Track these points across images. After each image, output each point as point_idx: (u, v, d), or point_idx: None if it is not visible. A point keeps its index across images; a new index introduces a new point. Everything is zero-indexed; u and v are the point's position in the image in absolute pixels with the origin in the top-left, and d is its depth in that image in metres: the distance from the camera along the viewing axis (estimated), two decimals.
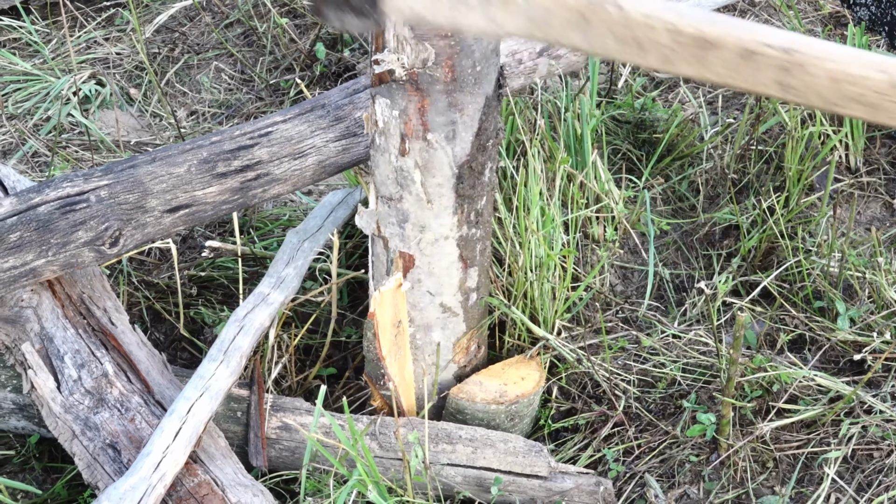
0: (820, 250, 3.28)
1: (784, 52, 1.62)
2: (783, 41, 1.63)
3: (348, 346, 3.16)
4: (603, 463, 2.90)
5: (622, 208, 3.36)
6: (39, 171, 3.77)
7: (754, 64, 1.64)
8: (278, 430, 2.76)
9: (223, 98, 4.20)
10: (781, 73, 1.64)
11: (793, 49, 1.62)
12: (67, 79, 4.12)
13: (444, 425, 2.79)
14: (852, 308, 3.11)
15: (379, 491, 2.50)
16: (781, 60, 1.63)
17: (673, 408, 2.98)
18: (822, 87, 1.63)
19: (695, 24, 1.63)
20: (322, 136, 2.86)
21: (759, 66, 1.64)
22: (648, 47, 1.66)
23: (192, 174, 2.73)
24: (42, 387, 2.67)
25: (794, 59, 1.62)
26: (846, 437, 2.85)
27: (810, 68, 1.62)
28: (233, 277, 3.28)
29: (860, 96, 1.63)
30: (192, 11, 4.59)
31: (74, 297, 2.82)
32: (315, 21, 4.38)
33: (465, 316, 2.82)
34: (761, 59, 1.63)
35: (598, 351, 3.08)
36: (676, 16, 1.63)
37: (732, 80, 1.66)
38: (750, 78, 1.65)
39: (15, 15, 4.52)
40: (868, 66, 1.62)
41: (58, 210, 2.61)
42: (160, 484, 2.40)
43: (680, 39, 1.64)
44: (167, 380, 2.74)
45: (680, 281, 3.39)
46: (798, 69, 1.63)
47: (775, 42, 1.62)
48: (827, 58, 1.62)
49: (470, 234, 2.69)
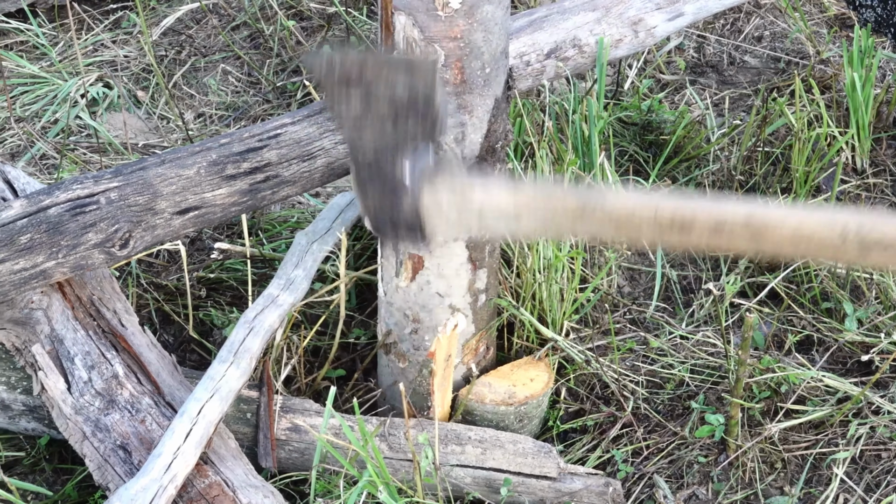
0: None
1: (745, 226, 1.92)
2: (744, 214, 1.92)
3: (357, 347, 3.17)
4: (612, 464, 2.90)
5: None
6: (48, 174, 3.78)
7: (727, 235, 1.93)
8: (288, 432, 2.77)
9: (230, 100, 4.21)
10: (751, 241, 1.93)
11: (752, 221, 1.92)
12: (75, 81, 4.13)
13: (454, 426, 2.80)
14: (860, 309, 3.12)
15: (389, 492, 2.51)
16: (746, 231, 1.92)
17: (681, 409, 2.99)
18: (785, 247, 1.93)
19: (669, 212, 1.95)
20: (331, 138, 2.86)
21: (732, 236, 1.93)
22: (638, 232, 2.00)
23: (202, 176, 2.74)
24: (52, 388, 2.68)
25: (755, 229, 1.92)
26: (854, 438, 2.85)
27: (771, 234, 1.91)
28: (241, 279, 3.29)
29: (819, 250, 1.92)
30: (198, 14, 4.60)
31: (84, 298, 2.83)
32: (321, 23, 4.39)
33: (474, 317, 2.83)
34: (730, 231, 1.93)
35: (607, 352, 3.08)
36: (652, 209, 1.95)
37: (716, 247, 1.98)
38: (727, 245, 1.96)
39: (22, 18, 4.53)
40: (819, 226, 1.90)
41: (68, 212, 2.62)
42: (171, 485, 2.41)
43: (661, 225, 1.96)
44: (177, 381, 2.75)
45: (687, 282, 3.39)
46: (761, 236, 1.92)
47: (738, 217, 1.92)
48: (783, 224, 1.91)
49: (479, 236, 2.69)
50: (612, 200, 1.99)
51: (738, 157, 3.63)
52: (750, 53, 4.26)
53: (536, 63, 3.14)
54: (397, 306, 2.80)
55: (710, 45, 4.28)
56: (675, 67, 4.18)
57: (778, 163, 3.63)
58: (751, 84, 4.13)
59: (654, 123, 3.76)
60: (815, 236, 1.90)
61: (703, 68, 4.22)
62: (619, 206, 1.98)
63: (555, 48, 3.17)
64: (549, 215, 2.04)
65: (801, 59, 4.17)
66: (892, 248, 1.89)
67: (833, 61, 4.09)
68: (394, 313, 2.82)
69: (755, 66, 4.21)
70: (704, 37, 4.30)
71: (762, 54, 4.24)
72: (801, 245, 1.91)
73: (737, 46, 4.28)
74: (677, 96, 4.06)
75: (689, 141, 3.71)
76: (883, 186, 3.63)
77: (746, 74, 4.18)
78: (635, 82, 4.02)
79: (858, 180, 3.63)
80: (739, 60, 4.24)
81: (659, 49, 4.18)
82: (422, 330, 2.80)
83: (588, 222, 2.01)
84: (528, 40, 3.15)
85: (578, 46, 3.22)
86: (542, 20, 3.20)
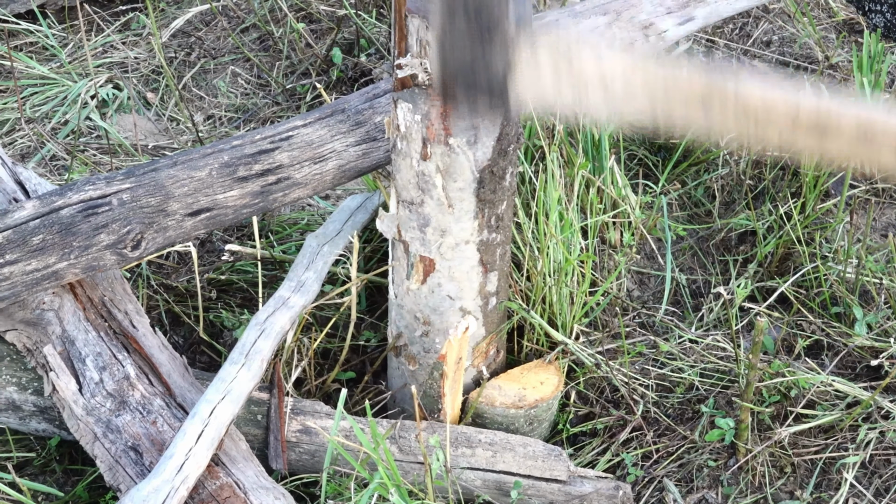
0: (836, 256, 3.28)
1: None
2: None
3: (367, 350, 3.17)
4: (621, 467, 2.90)
5: (639, 214, 3.37)
6: (58, 175, 3.79)
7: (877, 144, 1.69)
8: (298, 434, 2.77)
9: (240, 102, 4.21)
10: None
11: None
12: (85, 83, 4.14)
13: (464, 429, 2.80)
14: (869, 314, 3.12)
15: (400, 494, 2.51)
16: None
17: (691, 412, 2.99)
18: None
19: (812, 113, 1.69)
20: (342, 141, 2.87)
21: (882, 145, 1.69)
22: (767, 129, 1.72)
23: (214, 178, 2.75)
24: (64, 389, 2.68)
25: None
26: (864, 443, 2.85)
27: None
28: (252, 281, 3.30)
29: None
30: (208, 16, 4.60)
31: (96, 299, 2.84)
32: (331, 26, 4.40)
33: (485, 320, 2.83)
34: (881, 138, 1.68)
35: (617, 356, 3.09)
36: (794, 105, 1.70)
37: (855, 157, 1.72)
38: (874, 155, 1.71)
39: (31, 19, 4.53)
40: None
41: (80, 213, 2.63)
42: (183, 486, 2.41)
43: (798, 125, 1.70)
44: (188, 383, 2.75)
45: (696, 286, 3.39)
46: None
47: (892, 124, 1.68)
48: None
49: (490, 239, 2.70)
50: (747, 88, 1.72)
51: (748, 162, 3.63)
52: (759, 58, 4.26)
53: None
54: (408, 309, 2.81)
55: (719, 50, 4.29)
56: None
57: (787, 167, 3.63)
58: None
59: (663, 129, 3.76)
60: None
61: None
62: (754, 96, 1.72)
63: None
64: (668, 95, 1.76)
65: (809, 64, 4.17)
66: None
67: (842, 66, 4.09)
68: (404, 316, 2.83)
69: (764, 71, 4.21)
70: (713, 41, 4.30)
71: (771, 59, 4.24)
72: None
73: (745, 51, 4.28)
74: None
75: (699, 145, 3.71)
76: (892, 191, 3.63)
77: None
78: None
79: (867, 185, 3.63)
80: (748, 65, 4.24)
81: (668, 53, 4.18)
82: (432, 332, 2.80)
83: (712, 110, 1.74)
84: None
85: None
86: (553, 24, 3.21)
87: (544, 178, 3.02)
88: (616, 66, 1.77)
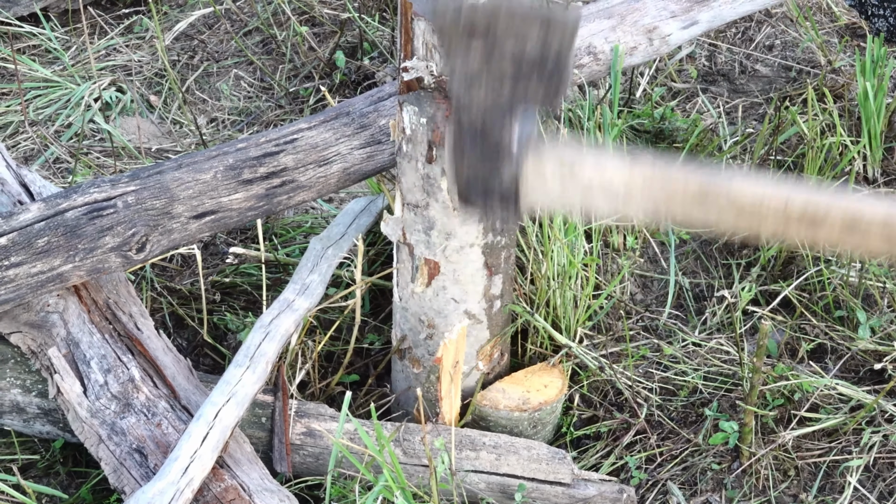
0: (840, 260, 3.29)
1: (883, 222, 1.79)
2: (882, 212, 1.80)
3: (370, 353, 3.18)
4: (625, 470, 2.91)
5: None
6: (61, 177, 3.79)
7: (861, 232, 1.81)
8: (302, 436, 2.77)
9: (243, 106, 4.22)
10: (887, 241, 1.81)
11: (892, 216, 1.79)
12: (88, 85, 4.14)
13: (468, 432, 2.80)
14: (873, 317, 3.12)
15: (405, 497, 2.51)
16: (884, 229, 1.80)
17: (695, 416, 2.99)
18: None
19: (802, 206, 1.82)
20: (347, 144, 2.87)
21: (867, 234, 1.81)
22: (762, 223, 1.84)
23: (219, 180, 2.75)
24: (68, 391, 2.68)
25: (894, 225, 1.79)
26: (867, 446, 2.86)
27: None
28: (256, 284, 3.30)
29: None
30: (211, 19, 4.61)
31: (100, 302, 2.84)
32: (334, 29, 4.41)
33: (489, 323, 2.83)
34: (865, 227, 1.80)
35: (620, 359, 3.09)
36: (785, 200, 1.82)
37: (847, 246, 1.84)
38: (859, 243, 1.83)
39: (34, 22, 4.54)
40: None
41: (85, 216, 2.63)
42: (188, 489, 2.42)
43: (790, 218, 1.82)
44: (193, 385, 2.75)
45: (700, 290, 3.40)
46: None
47: (877, 212, 1.80)
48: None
49: (495, 242, 2.70)
50: (739, 187, 1.84)
51: (751, 166, 3.63)
52: (761, 62, 4.26)
53: None
54: (412, 311, 2.81)
55: (722, 54, 4.29)
56: (687, 76, 4.19)
57: (790, 171, 3.64)
58: (762, 93, 4.13)
59: (666, 131, 3.77)
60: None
61: (715, 77, 4.23)
62: (745, 194, 1.83)
63: None
64: (665, 197, 1.88)
65: (812, 69, 4.17)
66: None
67: (844, 70, 4.10)
68: (409, 318, 2.83)
69: (766, 75, 4.22)
70: (716, 45, 4.30)
71: (773, 63, 4.25)
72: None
73: (748, 55, 4.28)
74: (689, 104, 4.07)
75: (702, 149, 3.71)
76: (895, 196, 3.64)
77: (758, 83, 4.19)
78: (647, 90, 4.02)
79: (870, 189, 3.64)
80: (751, 69, 4.25)
81: (671, 57, 4.18)
82: (437, 335, 2.80)
83: (708, 208, 1.85)
84: None
85: (593, 54, 3.22)
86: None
87: None
88: (616, 173, 1.89)
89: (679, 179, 1.87)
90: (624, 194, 1.89)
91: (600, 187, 1.90)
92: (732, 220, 1.86)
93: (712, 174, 1.88)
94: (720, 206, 1.85)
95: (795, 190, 1.83)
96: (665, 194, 1.88)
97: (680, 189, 1.87)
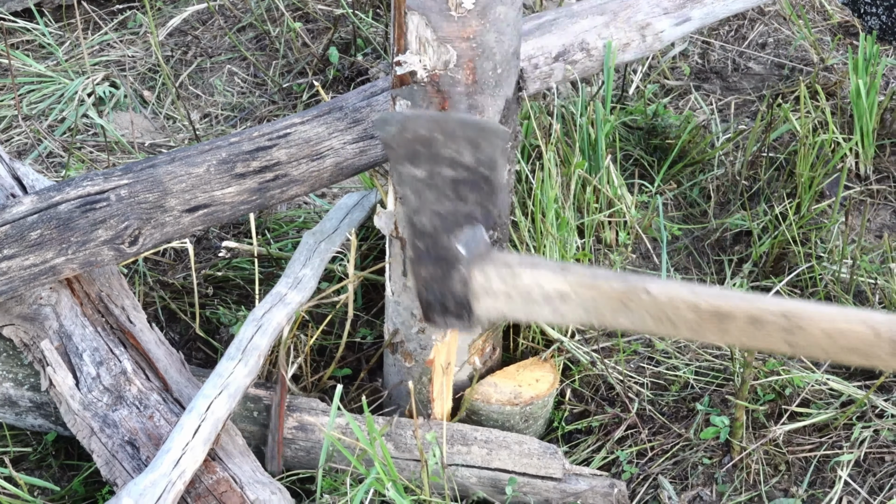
0: (831, 256, 3.30)
1: (783, 317, 1.92)
2: (781, 308, 1.93)
3: (363, 347, 3.18)
4: (616, 465, 2.91)
5: (635, 213, 3.38)
6: (55, 172, 3.79)
7: (763, 329, 1.93)
8: (294, 430, 2.77)
9: (236, 101, 4.22)
10: (786, 335, 1.93)
11: (790, 313, 1.92)
12: (81, 80, 4.14)
13: (460, 426, 2.81)
14: None
15: (397, 489, 2.52)
16: (783, 324, 1.92)
17: (686, 410, 3.00)
18: (820, 342, 1.92)
19: (709, 301, 1.96)
20: (340, 138, 2.87)
21: (768, 330, 1.93)
22: (678, 322, 1.99)
23: (212, 174, 2.75)
24: (61, 384, 2.69)
25: (792, 322, 1.91)
26: (858, 441, 2.87)
27: (807, 327, 1.91)
28: (248, 278, 3.30)
29: (853, 348, 1.90)
30: (204, 15, 4.61)
31: (93, 295, 2.84)
32: (328, 25, 4.41)
33: None
34: (767, 324, 1.93)
35: (612, 353, 3.10)
36: (694, 295, 1.97)
37: (751, 343, 1.98)
38: (762, 340, 1.95)
39: (28, 17, 4.54)
40: (854, 322, 1.89)
41: (78, 209, 2.63)
42: (180, 480, 2.42)
43: (700, 314, 1.96)
44: (185, 378, 2.76)
45: None
46: (798, 330, 1.92)
47: (775, 309, 1.93)
48: (820, 318, 1.91)
49: (488, 236, 2.70)
50: (657, 287, 2.00)
51: (743, 163, 3.64)
52: (754, 60, 4.27)
53: (545, 66, 3.15)
54: (405, 305, 2.81)
55: (715, 52, 4.30)
56: (680, 73, 4.20)
57: (782, 168, 3.65)
58: (755, 90, 4.15)
59: (659, 128, 3.78)
60: (850, 332, 1.89)
61: (708, 74, 4.24)
62: (662, 293, 1.99)
63: (563, 51, 3.19)
64: (594, 301, 2.04)
65: (804, 66, 4.18)
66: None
67: (837, 68, 4.11)
68: (401, 312, 2.83)
69: (759, 73, 4.23)
70: (709, 43, 4.31)
71: (766, 61, 4.26)
72: (837, 341, 1.90)
73: (741, 53, 4.30)
74: (681, 101, 4.07)
75: (694, 146, 3.72)
76: (886, 193, 3.65)
77: (750, 81, 4.20)
78: (640, 86, 4.03)
79: (862, 186, 3.65)
80: (743, 67, 4.26)
81: (664, 54, 4.19)
82: (429, 329, 2.81)
83: (630, 311, 2.01)
84: (537, 43, 3.17)
85: (586, 50, 3.23)
86: (550, 24, 3.22)
87: (541, 176, 3.03)
88: (551, 282, 2.07)
89: (603, 281, 2.04)
90: (559, 298, 2.07)
91: (540, 297, 2.09)
92: (653, 322, 2.02)
93: (633, 277, 2.05)
94: (641, 306, 2.01)
95: (707, 290, 1.99)
96: (593, 297, 2.05)
97: (605, 291, 2.04)
